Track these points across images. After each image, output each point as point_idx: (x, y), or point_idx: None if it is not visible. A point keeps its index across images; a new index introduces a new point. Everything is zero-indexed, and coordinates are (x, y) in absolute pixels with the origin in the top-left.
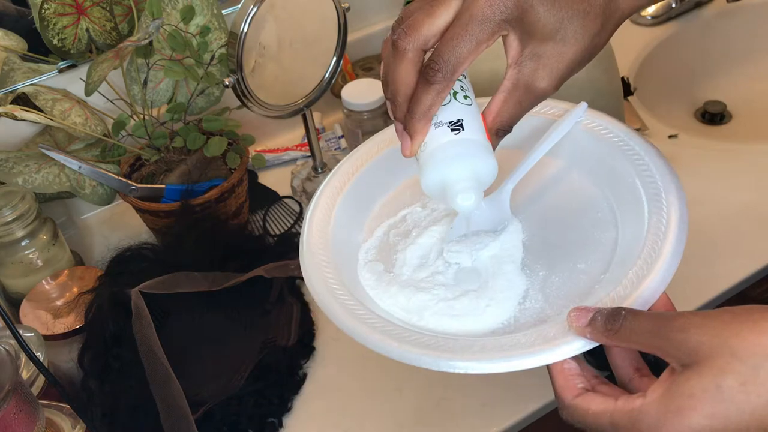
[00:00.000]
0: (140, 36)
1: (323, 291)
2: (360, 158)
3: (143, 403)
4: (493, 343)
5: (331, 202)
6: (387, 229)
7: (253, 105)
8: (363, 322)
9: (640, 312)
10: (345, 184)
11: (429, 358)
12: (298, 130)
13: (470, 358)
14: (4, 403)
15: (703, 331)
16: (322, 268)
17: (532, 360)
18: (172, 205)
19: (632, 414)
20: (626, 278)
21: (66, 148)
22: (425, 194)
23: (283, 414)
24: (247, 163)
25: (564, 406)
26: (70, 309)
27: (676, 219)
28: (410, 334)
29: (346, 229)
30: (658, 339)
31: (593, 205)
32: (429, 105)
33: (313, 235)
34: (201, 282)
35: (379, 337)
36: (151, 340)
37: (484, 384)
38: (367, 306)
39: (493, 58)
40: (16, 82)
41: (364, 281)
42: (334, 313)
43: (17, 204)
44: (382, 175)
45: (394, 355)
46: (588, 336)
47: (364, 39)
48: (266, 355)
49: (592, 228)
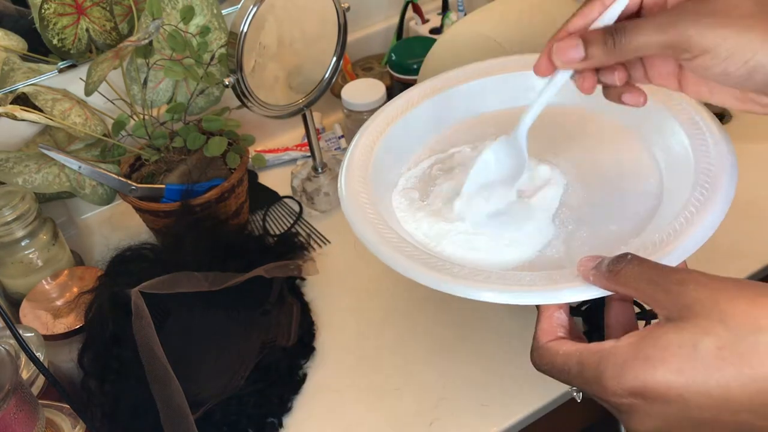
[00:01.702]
0: (140, 36)
1: (351, 201)
2: (427, 89)
3: (143, 403)
4: (497, 275)
5: (384, 125)
6: (433, 162)
7: (253, 105)
8: (375, 227)
9: (645, 259)
10: (404, 111)
11: (425, 275)
12: (298, 130)
13: (466, 284)
14: (4, 403)
15: (700, 290)
16: (357, 184)
17: (527, 296)
18: (172, 205)
19: (601, 353)
20: (651, 242)
21: (66, 148)
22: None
23: (283, 414)
24: (247, 163)
25: (536, 347)
26: (70, 309)
27: (718, 203)
28: (420, 254)
29: (393, 154)
30: (655, 287)
31: (644, 175)
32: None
33: (358, 150)
34: (201, 282)
35: (387, 249)
36: (151, 340)
37: (484, 384)
38: (388, 223)
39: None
40: (16, 82)
41: (396, 203)
42: (351, 216)
43: (17, 204)
44: (443, 109)
45: (387, 260)
46: (591, 278)
47: (364, 39)
48: (266, 355)
49: (635, 195)
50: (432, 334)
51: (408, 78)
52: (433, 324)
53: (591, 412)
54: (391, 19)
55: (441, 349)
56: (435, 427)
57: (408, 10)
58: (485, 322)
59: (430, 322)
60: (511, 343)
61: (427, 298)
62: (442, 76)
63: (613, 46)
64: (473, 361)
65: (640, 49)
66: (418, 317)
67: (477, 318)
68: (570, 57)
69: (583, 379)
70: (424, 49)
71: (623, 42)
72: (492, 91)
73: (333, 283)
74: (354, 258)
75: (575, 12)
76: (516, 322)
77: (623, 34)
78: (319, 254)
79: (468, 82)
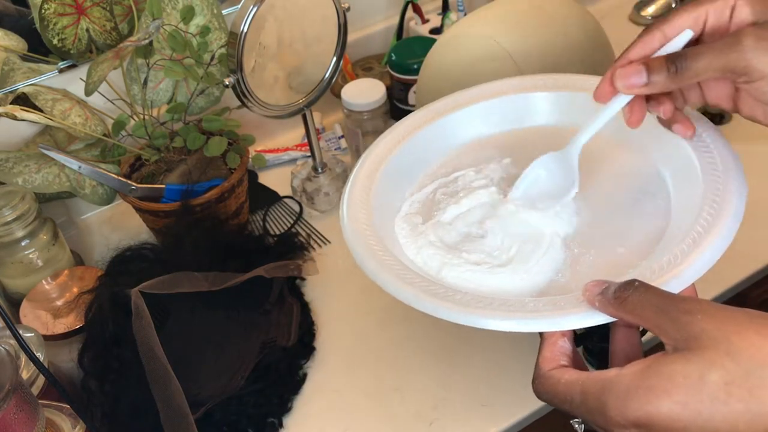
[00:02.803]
0: (140, 36)
1: (351, 226)
2: (431, 113)
3: (143, 403)
4: (500, 302)
5: (390, 148)
6: (436, 187)
7: (253, 105)
8: (376, 257)
9: (652, 286)
10: (406, 136)
11: (425, 302)
12: (298, 130)
13: (467, 311)
14: (4, 403)
15: (709, 321)
16: (359, 208)
17: (531, 324)
18: (172, 205)
19: (604, 382)
20: (657, 265)
21: (66, 148)
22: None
23: (283, 414)
24: (247, 163)
25: (538, 375)
26: (70, 309)
27: (725, 222)
28: (421, 281)
29: (395, 180)
30: (663, 316)
31: (651, 194)
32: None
33: (362, 171)
34: (201, 282)
35: (387, 276)
36: (151, 340)
37: (484, 384)
38: (389, 249)
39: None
40: (16, 82)
41: (398, 229)
42: (352, 244)
43: (17, 204)
44: (445, 133)
45: (382, 282)
46: (597, 304)
47: (364, 39)
48: (266, 355)
49: (644, 215)
50: (432, 334)
51: (408, 78)
52: (433, 324)
53: None
54: (391, 19)
55: (441, 349)
56: (435, 427)
57: (408, 10)
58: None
59: (430, 322)
60: (511, 343)
61: None
62: (443, 100)
63: (675, 73)
64: (473, 361)
65: (701, 74)
66: (418, 317)
67: None
68: (633, 82)
69: (586, 408)
70: (424, 49)
71: (684, 68)
72: (494, 113)
73: (333, 283)
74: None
75: (635, 40)
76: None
77: (684, 60)
78: (319, 254)
79: (469, 106)
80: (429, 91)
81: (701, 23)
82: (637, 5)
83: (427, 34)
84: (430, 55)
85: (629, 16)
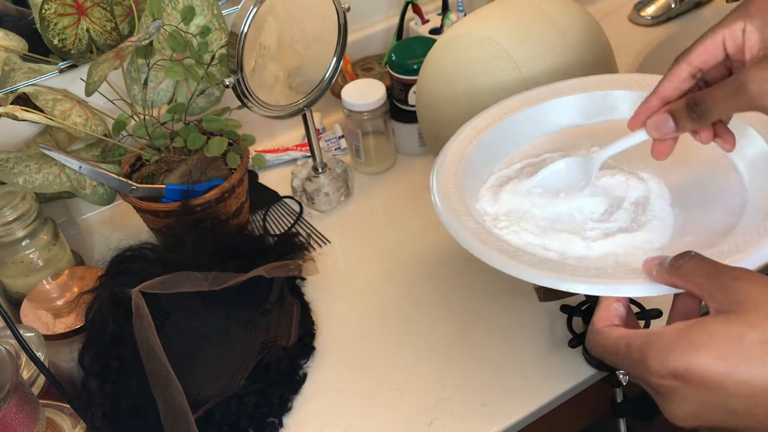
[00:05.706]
0: (140, 36)
1: (440, 190)
2: (530, 97)
3: (143, 403)
4: (560, 265)
5: (485, 124)
6: (524, 165)
7: (253, 105)
8: (457, 215)
9: (705, 257)
10: (502, 116)
11: (487, 253)
12: (298, 130)
13: (531, 271)
14: (4, 403)
15: (755, 287)
16: (448, 175)
17: (584, 287)
18: (173, 205)
19: (648, 336)
20: (719, 250)
21: (66, 148)
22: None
23: (283, 414)
24: (247, 163)
25: (591, 330)
26: (70, 309)
27: None
28: (494, 240)
29: (486, 154)
30: (712, 281)
31: (723, 186)
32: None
33: (456, 142)
34: (201, 282)
35: (465, 233)
36: (151, 340)
37: (484, 384)
38: (470, 211)
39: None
40: (17, 82)
41: (480, 195)
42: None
43: (18, 204)
44: (541, 118)
45: (455, 231)
46: (654, 273)
47: (364, 39)
48: (266, 355)
49: (715, 205)
50: (432, 334)
51: (408, 78)
52: (433, 324)
53: (591, 412)
54: (391, 19)
55: (441, 349)
56: (435, 427)
57: (408, 11)
58: (485, 323)
59: (430, 322)
60: (511, 342)
61: (426, 298)
62: (549, 86)
63: (698, 118)
64: (473, 361)
65: (722, 115)
66: (418, 317)
67: (477, 318)
68: (665, 131)
69: (630, 359)
70: (424, 50)
71: (705, 110)
72: (589, 105)
73: (333, 283)
74: (354, 258)
75: (665, 74)
76: (516, 322)
77: (703, 104)
78: (319, 254)
79: (571, 95)
80: (429, 91)
81: (721, 48)
82: (637, 5)
83: (427, 34)
84: (430, 55)
85: (629, 16)
